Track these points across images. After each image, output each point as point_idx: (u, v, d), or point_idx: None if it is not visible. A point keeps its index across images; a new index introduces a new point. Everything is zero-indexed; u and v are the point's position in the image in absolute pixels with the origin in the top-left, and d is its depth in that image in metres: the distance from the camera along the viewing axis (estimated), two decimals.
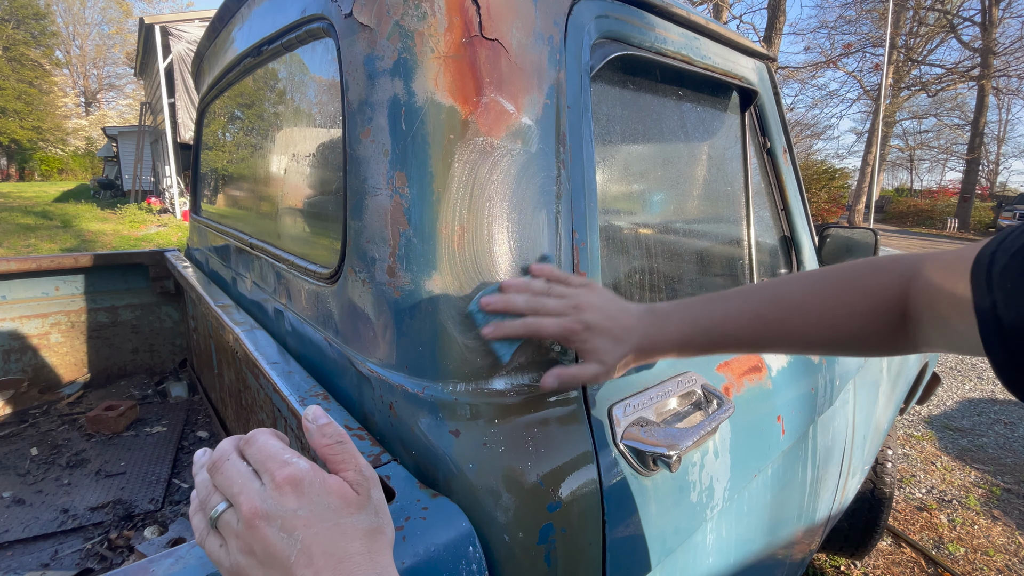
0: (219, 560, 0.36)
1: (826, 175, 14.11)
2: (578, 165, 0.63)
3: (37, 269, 1.77)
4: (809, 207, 1.20)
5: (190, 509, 0.40)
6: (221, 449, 0.39)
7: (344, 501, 0.37)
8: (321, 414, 0.40)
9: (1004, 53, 18.39)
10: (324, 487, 0.36)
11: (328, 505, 0.36)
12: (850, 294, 0.49)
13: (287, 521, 0.34)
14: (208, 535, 0.37)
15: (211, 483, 0.38)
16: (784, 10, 14.00)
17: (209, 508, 0.37)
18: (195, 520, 0.39)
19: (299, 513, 0.35)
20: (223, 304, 1.16)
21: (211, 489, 0.38)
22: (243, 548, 0.35)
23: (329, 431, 0.39)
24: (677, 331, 0.57)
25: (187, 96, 11.06)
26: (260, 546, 0.34)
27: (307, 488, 0.36)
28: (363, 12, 0.60)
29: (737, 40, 0.96)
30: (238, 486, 0.36)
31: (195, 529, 0.38)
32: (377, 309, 0.62)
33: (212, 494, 0.38)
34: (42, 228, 9.89)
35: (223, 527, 0.36)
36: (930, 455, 2.82)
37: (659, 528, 0.64)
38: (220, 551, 0.36)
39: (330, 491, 0.36)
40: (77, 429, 1.64)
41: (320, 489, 0.36)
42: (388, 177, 0.59)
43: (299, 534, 0.34)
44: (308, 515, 0.35)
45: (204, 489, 0.39)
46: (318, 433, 0.39)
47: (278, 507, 0.35)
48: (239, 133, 1.45)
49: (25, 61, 32.43)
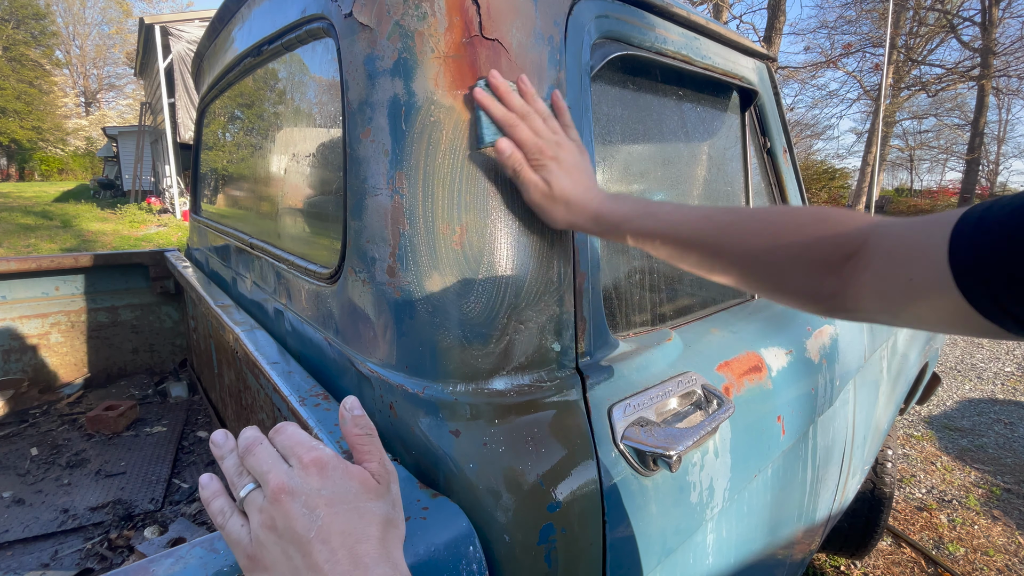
0: (239, 539, 0.38)
1: (826, 175, 14.12)
2: None
3: (37, 269, 1.77)
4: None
5: (207, 493, 0.41)
6: (251, 436, 0.41)
7: (365, 487, 0.39)
8: (357, 405, 0.43)
9: (1004, 53, 18.39)
10: (347, 472, 0.39)
11: (349, 488, 0.38)
12: (805, 216, 0.48)
13: (310, 498, 0.36)
14: (231, 516, 0.39)
15: (240, 466, 0.40)
16: (784, 10, 14.01)
17: (238, 488, 0.39)
18: (216, 503, 0.40)
19: (322, 492, 0.37)
20: (223, 304, 1.16)
21: (240, 471, 0.40)
22: (265, 522, 0.36)
23: (362, 422, 0.42)
24: (629, 208, 0.56)
25: (187, 96, 11.06)
26: (283, 520, 0.36)
27: (331, 471, 0.38)
28: (363, 12, 0.60)
29: (737, 40, 0.96)
30: (267, 465, 0.38)
31: (215, 512, 0.40)
32: (377, 309, 0.62)
33: (241, 476, 0.40)
34: (42, 228, 9.89)
35: (248, 505, 0.38)
36: (930, 455, 2.82)
37: (659, 528, 0.64)
38: (241, 530, 0.38)
39: (352, 476, 0.39)
40: (77, 429, 1.64)
41: (343, 473, 0.38)
42: (388, 177, 0.59)
43: (320, 512, 0.36)
44: (330, 495, 0.37)
45: (233, 472, 0.41)
46: (351, 422, 0.42)
47: (303, 485, 0.37)
48: (239, 133, 1.45)
49: (25, 61, 32.43)
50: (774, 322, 0.97)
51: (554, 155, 0.57)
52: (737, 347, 0.85)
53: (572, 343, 0.62)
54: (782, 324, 0.98)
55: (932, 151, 31.43)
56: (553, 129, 0.59)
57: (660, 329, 0.80)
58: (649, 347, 0.72)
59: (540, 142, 0.57)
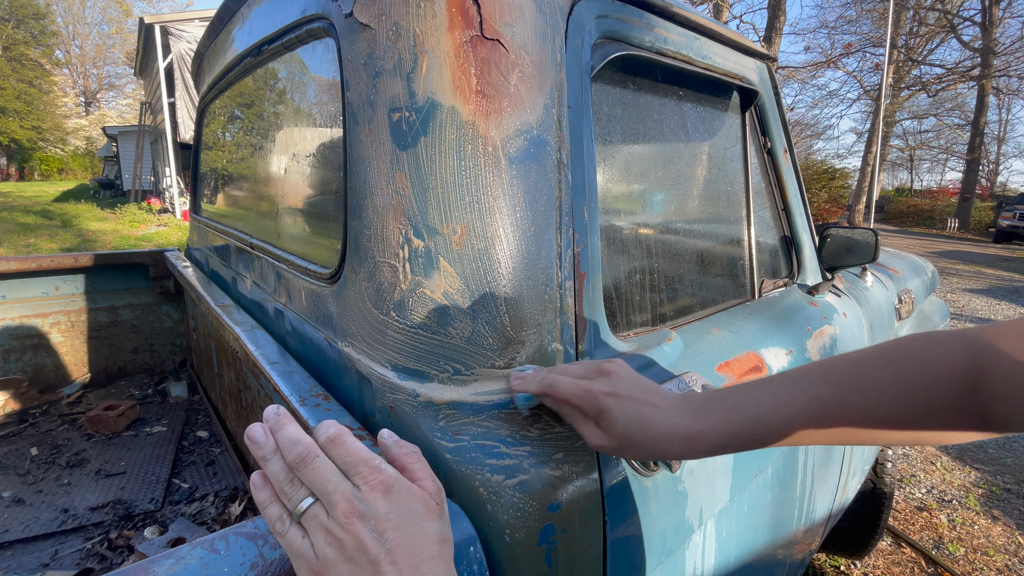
0: (301, 551, 0.38)
1: (826, 175, 14.10)
2: (579, 165, 0.63)
3: (37, 269, 1.77)
4: (809, 207, 1.20)
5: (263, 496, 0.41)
6: (303, 445, 0.40)
7: (427, 508, 0.40)
8: (393, 434, 0.45)
9: (1004, 53, 18.38)
10: (410, 494, 0.40)
11: (414, 511, 0.39)
12: (911, 366, 0.43)
13: (379, 523, 0.37)
14: (290, 526, 0.39)
15: (292, 476, 0.40)
16: (784, 10, 13.99)
17: (295, 502, 0.39)
18: (273, 510, 0.40)
19: (389, 516, 0.38)
20: (223, 304, 1.16)
21: (292, 480, 0.40)
22: (333, 543, 0.37)
23: (404, 444, 0.43)
24: (723, 419, 0.48)
25: (187, 96, 11.05)
26: (352, 543, 0.37)
27: (395, 493, 0.39)
28: (364, 12, 0.60)
29: (738, 40, 0.96)
30: (332, 485, 0.38)
31: (273, 519, 0.40)
32: (377, 309, 0.62)
33: (295, 487, 0.40)
34: (42, 227, 9.89)
35: (308, 519, 0.39)
36: (930, 455, 2.82)
37: (660, 528, 0.64)
38: (303, 543, 0.38)
39: (415, 498, 0.40)
40: (77, 429, 1.64)
41: (407, 496, 0.39)
42: (388, 177, 0.59)
43: (389, 535, 0.37)
44: (397, 519, 0.38)
45: (283, 480, 0.40)
46: (395, 445, 0.43)
47: (371, 509, 0.38)
48: (239, 133, 1.45)
49: (25, 61, 32.41)
50: (774, 322, 0.97)
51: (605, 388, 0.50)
52: (737, 347, 0.85)
53: (572, 343, 0.62)
54: (782, 324, 0.98)
55: (932, 151, 31.42)
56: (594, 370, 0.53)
57: (660, 329, 0.80)
58: (649, 347, 0.72)
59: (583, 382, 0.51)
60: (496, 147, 0.57)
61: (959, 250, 13.12)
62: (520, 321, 0.58)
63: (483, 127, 0.56)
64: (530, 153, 0.59)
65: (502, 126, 0.57)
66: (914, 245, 13.53)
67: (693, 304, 0.93)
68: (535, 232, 0.60)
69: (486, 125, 0.56)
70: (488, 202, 0.57)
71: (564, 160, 0.61)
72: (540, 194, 0.59)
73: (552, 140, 0.60)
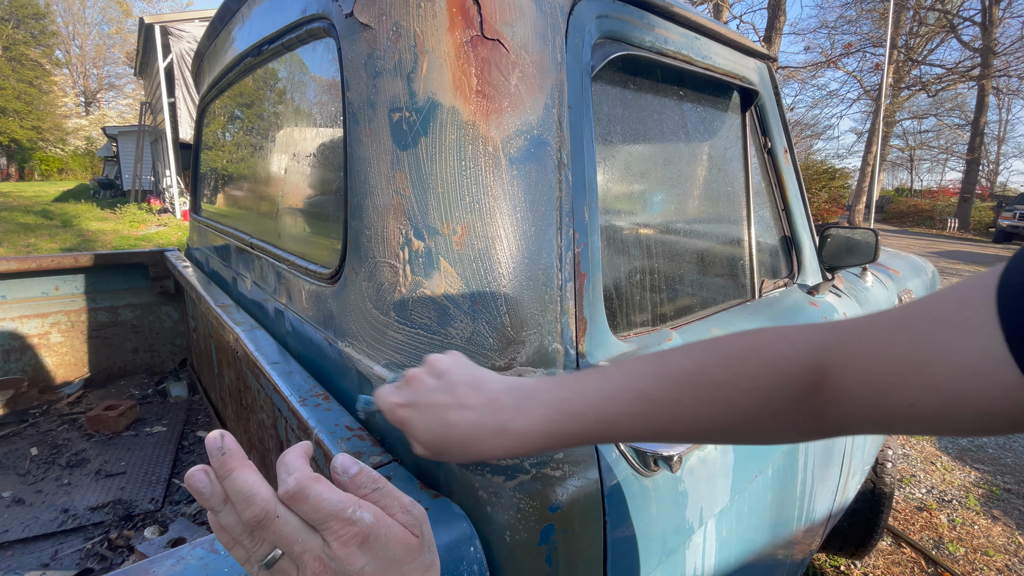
0: None
1: (826, 175, 14.10)
2: (579, 165, 0.63)
3: (37, 269, 1.77)
4: (809, 207, 1.20)
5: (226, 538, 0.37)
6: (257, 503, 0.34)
7: (407, 549, 0.37)
8: (351, 463, 0.38)
9: (1004, 53, 18.40)
10: (388, 537, 0.36)
11: (393, 557, 0.36)
12: (752, 364, 0.41)
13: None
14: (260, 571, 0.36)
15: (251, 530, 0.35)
16: (784, 10, 14.00)
17: (260, 555, 0.35)
18: (236, 552, 0.37)
19: (366, 570, 0.35)
20: (223, 304, 1.16)
21: (254, 537, 0.36)
22: None
23: (362, 480, 0.38)
24: (542, 417, 0.45)
25: (187, 96, 11.06)
26: None
27: (372, 543, 0.35)
28: (364, 12, 0.60)
29: (738, 40, 0.96)
30: (299, 546, 0.35)
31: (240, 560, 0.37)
32: (378, 309, 0.62)
33: (259, 544, 0.36)
34: (42, 227, 9.89)
35: (279, 572, 0.36)
36: (930, 455, 2.82)
37: (660, 528, 0.64)
38: None
39: (393, 541, 0.36)
40: (77, 429, 1.64)
41: (385, 542, 0.36)
42: (389, 177, 0.59)
43: None
44: (374, 570, 0.35)
45: (240, 535, 0.36)
46: (352, 485, 0.38)
47: (346, 568, 0.34)
48: (239, 133, 1.45)
49: (25, 61, 32.42)
50: (774, 322, 0.97)
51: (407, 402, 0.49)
52: None
53: (573, 343, 0.62)
54: (782, 324, 0.98)
55: (932, 151, 31.43)
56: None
57: (661, 329, 0.80)
58: (650, 347, 0.72)
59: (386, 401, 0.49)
60: (496, 147, 0.57)
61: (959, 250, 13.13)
62: (520, 321, 0.58)
63: (483, 127, 0.56)
64: (530, 153, 0.59)
65: (502, 126, 0.57)
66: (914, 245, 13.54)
67: (693, 304, 0.93)
68: (535, 232, 0.60)
69: (486, 125, 0.56)
70: (488, 202, 0.57)
71: (564, 160, 0.61)
72: (540, 194, 0.59)
73: (552, 140, 0.60)
